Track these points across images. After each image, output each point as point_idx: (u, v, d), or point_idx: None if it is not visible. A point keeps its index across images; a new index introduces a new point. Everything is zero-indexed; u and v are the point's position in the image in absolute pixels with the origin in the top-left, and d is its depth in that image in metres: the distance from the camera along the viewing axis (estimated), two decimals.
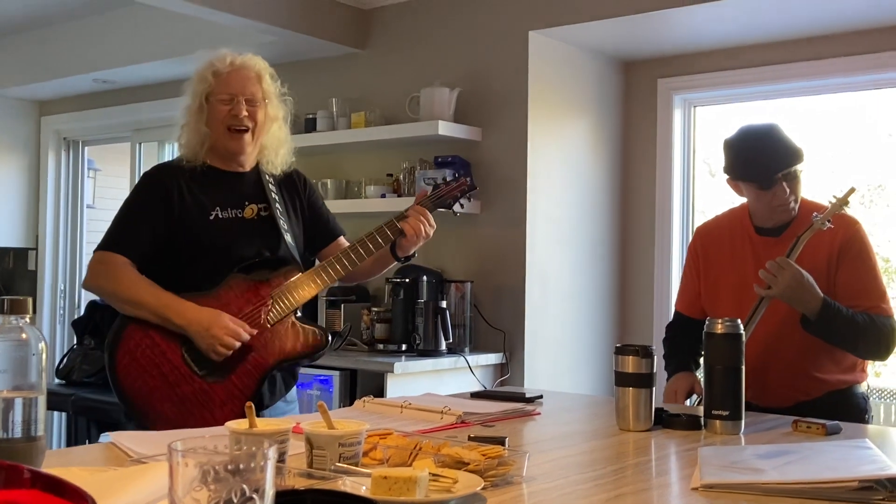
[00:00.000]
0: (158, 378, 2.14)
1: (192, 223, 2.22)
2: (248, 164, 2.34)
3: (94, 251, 2.24)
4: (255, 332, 2.16)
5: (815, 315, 2.28)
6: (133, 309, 2.17)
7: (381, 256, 2.35)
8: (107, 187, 6.90)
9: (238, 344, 2.13)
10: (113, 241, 2.22)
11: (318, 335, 2.25)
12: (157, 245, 2.22)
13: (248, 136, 2.27)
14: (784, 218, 2.46)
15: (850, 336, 2.34)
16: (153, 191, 2.25)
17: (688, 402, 2.50)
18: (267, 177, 2.35)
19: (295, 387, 2.37)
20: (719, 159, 2.54)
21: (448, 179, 2.41)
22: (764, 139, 2.45)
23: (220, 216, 2.24)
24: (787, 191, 2.39)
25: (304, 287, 2.22)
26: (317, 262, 2.31)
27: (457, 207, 2.43)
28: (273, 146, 2.35)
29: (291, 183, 2.42)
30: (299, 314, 2.25)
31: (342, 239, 2.47)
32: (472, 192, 2.43)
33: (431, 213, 2.33)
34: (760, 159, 2.42)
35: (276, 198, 2.33)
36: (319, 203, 2.49)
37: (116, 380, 2.16)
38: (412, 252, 2.34)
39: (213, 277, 2.19)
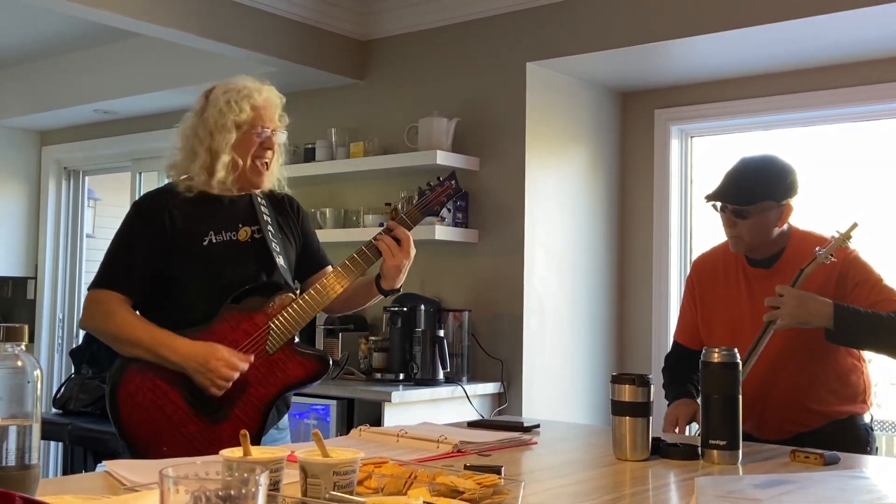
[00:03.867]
0: (163, 420, 2.10)
1: (186, 249, 2.20)
2: (257, 190, 2.35)
3: (88, 289, 2.22)
4: (251, 359, 2.14)
5: (831, 319, 2.24)
6: (129, 348, 2.14)
7: (366, 287, 2.34)
8: (107, 217, 6.91)
9: (236, 375, 2.10)
10: (106, 277, 2.20)
11: (318, 360, 2.23)
12: (152, 275, 2.19)
13: (268, 172, 2.30)
14: (734, 249, 2.48)
15: (878, 333, 2.26)
16: (144, 221, 2.23)
17: (688, 432, 2.49)
18: (259, 199, 2.34)
19: (287, 414, 2.36)
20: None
21: (432, 184, 2.41)
22: (737, 168, 2.49)
23: (214, 240, 2.22)
24: (733, 224, 2.42)
25: (300, 312, 2.20)
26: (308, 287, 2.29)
27: (444, 213, 2.43)
28: (273, 176, 2.36)
29: (285, 207, 2.41)
30: (297, 340, 2.24)
31: (329, 269, 2.47)
32: (457, 194, 2.43)
33: (420, 222, 2.34)
34: (719, 184, 2.47)
35: (269, 220, 2.32)
36: (311, 231, 2.49)
37: (121, 424, 2.13)
38: (398, 286, 2.33)
39: (207, 305, 2.17)
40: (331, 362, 2.26)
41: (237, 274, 2.21)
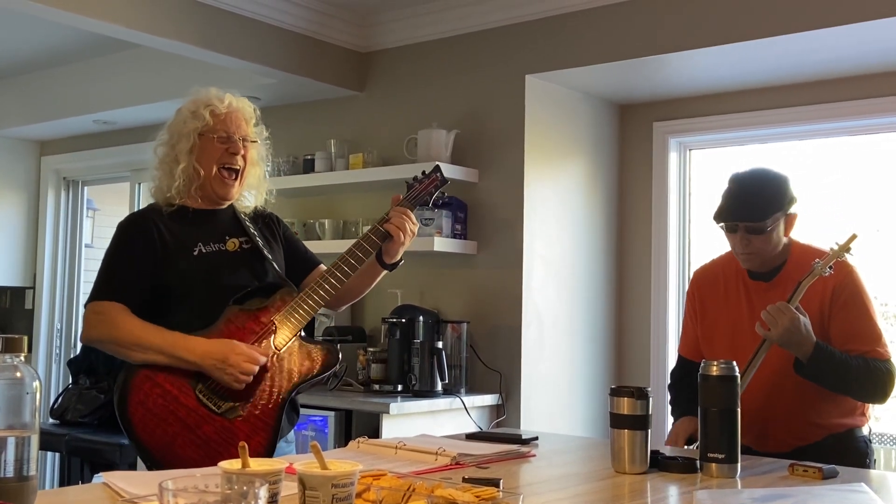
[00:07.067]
0: (177, 424, 2.09)
1: (178, 260, 2.21)
2: (222, 205, 2.36)
3: (86, 304, 2.22)
4: (269, 353, 2.15)
5: (806, 358, 2.28)
6: (138, 353, 2.12)
7: (369, 268, 2.35)
8: (105, 227, 6.90)
9: (256, 369, 2.11)
10: (103, 289, 2.20)
11: (328, 351, 2.23)
12: (147, 286, 2.20)
13: (236, 183, 2.30)
14: (746, 267, 2.47)
15: (844, 380, 2.33)
16: (133, 236, 2.24)
17: (692, 447, 2.48)
18: (242, 214, 2.37)
19: (294, 428, 2.35)
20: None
21: (419, 177, 2.43)
22: (739, 186, 2.46)
23: (204, 251, 2.24)
24: (747, 242, 2.40)
25: (303, 307, 2.21)
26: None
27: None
28: (251, 188, 2.37)
29: (265, 219, 2.44)
30: (303, 335, 2.24)
31: (322, 266, 2.48)
32: (444, 185, 2.44)
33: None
34: (727, 204, 2.45)
35: (255, 232, 2.34)
36: (294, 237, 2.52)
37: (134, 433, 2.11)
38: (399, 258, 2.35)
39: (205, 313, 2.17)
40: (339, 353, 2.26)
41: (231, 282, 2.22)
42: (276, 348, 2.17)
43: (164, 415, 2.10)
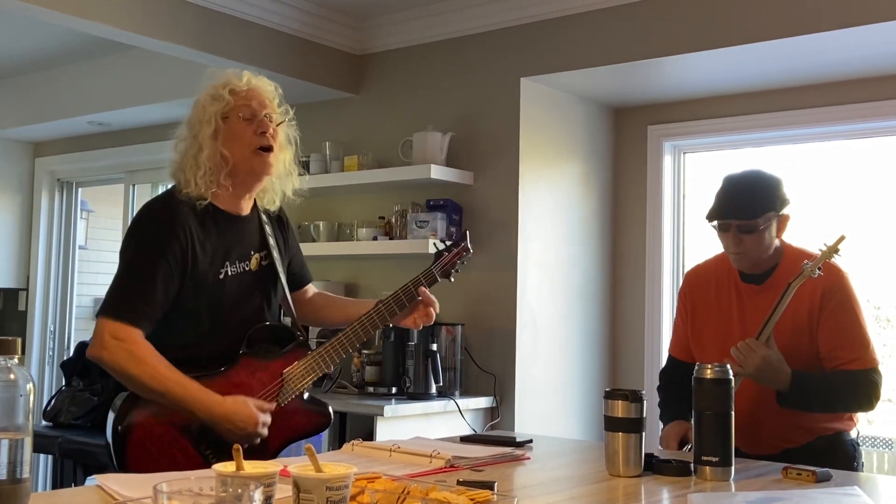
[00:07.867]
0: (171, 467, 2.01)
1: (203, 282, 2.11)
2: (249, 206, 2.25)
3: (103, 317, 2.04)
4: (273, 406, 2.14)
5: (786, 390, 2.29)
6: (153, 396, 2.04)
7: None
8: (100, 228, 6.91)
9: (266, 432, 2.11)
10: (126, 309, 2.04)
11: (324, 416, 2.27)
12: (168, 307, 2.09)
13: (272, 157, 2.16)
14: (738, 266, 2.47)
15: (828, 402, 2.35)
16: (167, 242, 2.06)
17: (685, 449, 2.48)
18: (264, 218, 2.28)
19: None
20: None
21: (448, 244, 2.41)
22: (732, 185, 2.46)
23: (230, 272, 2.15)
24: (739, 241, 2.40)
25: (313, 370, 2.22)
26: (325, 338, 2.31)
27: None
28: (280, 176, 2.26)
29: (282, 222, 2.38)
30: (307, 396, 2.24)
31: (311, 287, 2.48)
32: (468, 255, 2.44)
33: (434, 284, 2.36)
34: (720, 203, 2.45)
35: (273, 242, 2.28)
36: (298, 247, 2.46)
37: (125, 464, 2.04)
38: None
39: (211, 337, 2.14)
40: (332, 415, 2.30)
41: (245, 308, 2.20)
42: (279, 403, 2.17)
43: (159, 456, 2.05)
